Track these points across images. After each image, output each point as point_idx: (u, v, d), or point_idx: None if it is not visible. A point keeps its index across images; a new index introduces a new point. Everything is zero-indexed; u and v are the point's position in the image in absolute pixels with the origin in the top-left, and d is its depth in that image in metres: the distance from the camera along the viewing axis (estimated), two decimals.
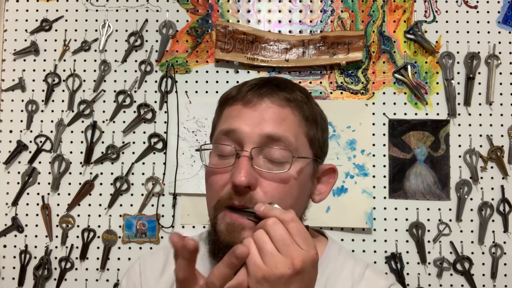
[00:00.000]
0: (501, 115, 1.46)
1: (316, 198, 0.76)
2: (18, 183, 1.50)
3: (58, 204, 1.49)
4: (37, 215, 1.49)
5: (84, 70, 1.52)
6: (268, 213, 0.58)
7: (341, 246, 0.81)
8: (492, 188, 1.44)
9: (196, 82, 1.50)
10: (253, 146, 0.66)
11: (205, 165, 0.72)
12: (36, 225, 1.49)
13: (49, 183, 1.49)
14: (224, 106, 0.74)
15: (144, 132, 1.50)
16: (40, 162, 1.50)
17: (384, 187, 1.45)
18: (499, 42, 1.47)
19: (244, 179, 0.64)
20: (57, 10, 1.54)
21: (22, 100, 1.52)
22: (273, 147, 0.67)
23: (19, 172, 1.50)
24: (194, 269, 0.56)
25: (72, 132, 1.51)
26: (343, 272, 0.75)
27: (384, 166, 1.46)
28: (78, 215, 1.49)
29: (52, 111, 1.51)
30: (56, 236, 1.48)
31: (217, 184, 0.68)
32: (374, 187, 1.44)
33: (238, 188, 0.65)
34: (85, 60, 1.52)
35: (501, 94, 1.46)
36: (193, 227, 1.47)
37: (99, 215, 1.48)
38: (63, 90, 1.52)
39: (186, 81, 1.50)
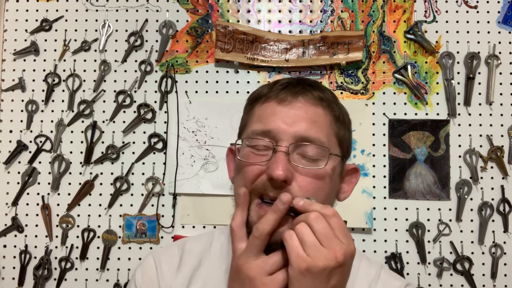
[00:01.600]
0: (501, 115, 1.46)
1: (341, 196, 0.78)
2: (18, 183, 1.50)
3: (58, 204, 1.49)
4: (37, 215, 1.49)
5: (84, 70, 1.52)
6: (308, 207, 0.60)
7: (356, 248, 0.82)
8: (492, 188, 1.44)
9: (196, 82, 1.50)
10: (289, 142, 0.68)
11: (238, 159, 0.72)
12: (36, 225, 1.49)
13: (49, 183, 1.49)
14: (255, 104, 0.75)
15: (144, 132, 1.50)
16: (40, 162, 1.50)
17: (384, 187, 1.45)
18: (499, 42, 1.47)
19: (281, 173, 0.65)
20: (57, 10, 1.54)
21: (22, 100, 1.52)
22: (308, 144, 0.69)
23: (19, 172, 1.50)
24: (245, 221, 0.64)
25: (72, 132, 1.51)
26: (359, 273, 0.77)
27: (384, 166, 1.46)
28: (78, 215, 1.49)
29: (52, 111, 1.52)
30: (56, 236, 1.48)
31: (252, 173, 0.69)
32: (374, 187, 1.44)
33: (275, 181, 0.66)
34: (85, 60, 1.52)
35: (501, 94, 1.46)
36: (193, 227, 1.47)
37: (99, 215, 1.48)
38: (63, 90, 1.52)
39: (186, 81, 1.50)
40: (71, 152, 1.50)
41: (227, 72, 1.50)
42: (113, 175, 1.49)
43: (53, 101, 1.52)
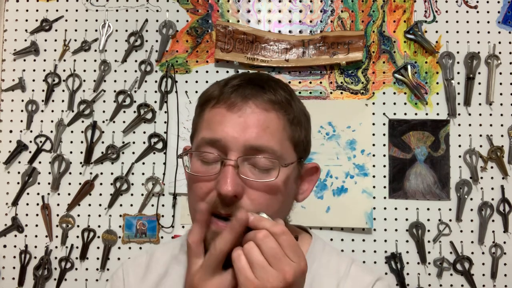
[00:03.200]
0: (501, 115, 1.46)
1: (300, 197, 0.75)
2: (18, 183, 1.50)
3: (58, 204, 1.49)
4: (37, 215, 1.49)
5: (84, 70, 1.52)
6: (258, 224, 0.58)
7: (325, 243, 0.81)
8: (492, 188, 1.44)
9: (196, 82, 1.50)
10: (238, 154, 0.65)
11: (188, 172, 0.70)
12: (36, 225, 1.49)
13: (49, 183, 1.49)
14: (205, 107, 0.72)
15: (144, 132, 1.50)
16: (40, 162, 1.50)
17: (384, 187, 1.45)
18: (499, 42, 1.47)
19: (230, 189, 0.63)
20: (57, 10, 1.54)
21: (22, 100, 1.52)
22: (258, 156, 0.66)
23: (19, 172, 1.50)
24: (203, 237, 0.62)
25: (72, 132, 1.51)
26: (329, 269, 0.75)
27: (384, 166, 1.46)
28: (78, 215, 1.49)
29: (52, 111, 1.52)
30: (56, 236, 1.48)
31: (201, 191, 0.67)
32: (374, 187, 1.44)
33: (224, 197, 0.63)
34: (85, 60, 1.52)
35: (501, 94, 1.46)
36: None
37: (99, 215, 1.48)
38: (63, 90, 1.52)
39: (186, 81, 1.50)
40: (71, 152, 1.50)
41: (227, 72, 1.50)
42: (113, 175, 1.49)
43: (53, 101, 1.52)
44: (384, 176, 1.45)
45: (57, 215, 1.49)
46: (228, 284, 0.58)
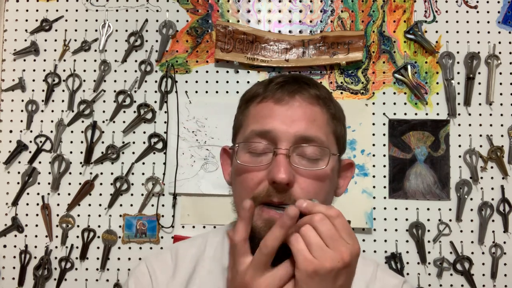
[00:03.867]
0: (501, 115, 1.46)
1: (338, 192, 0.78)
2: (18, 183, 1.50)
3: (58, 204, 1.49)
4: (37, 215, 1.49)
5: (84, 70, 1.52)
6: (312, 209, 0.59)
7: None
8: (492, 188, 1.44)
9: (196, 82, 1.50)
10: (289, 144, 0.67)
11: (237, 163, 0.71)
12: (36, 225, 1.49)
13: (49, 183, 1.49)
14: (250, 104, 0.74)
15: (144, 132, 1.50)
16: (40, 162, 1.50)
17: (384, 187, 1.45)
18: (499, 42, 1.47)
19: (285, 177, 0.64)
20: (57, 10, 1.54)
21: (22, 100, 1.52)
22: (309, 145, 0.68)
23: (19, 172, 1.50)
24: (248, 235, 0.60)
25: (72, 132, 1.51)
26: (356, 273, 0.75)
27: (384, 166, 1.46)
28: (78, 215, 1.49)
29: (52, 111, 1.52)
30: (56, 236, 1.48)
31: (252, 181, 0.68)
32: (374, 187, 1.44)
33: (278, 185, 0.65)
34: (85, 60, 1.52)
35: (501, 94, 1.46)
36: (193, 227, 1.47)
37: (99, 215, 1.48)
38: (63, 90, 1.52)
39: (186, 81, 1.50)
40: (71, 152, 1.50)
41: (227, 72, 1.50)
42: (113, 175, 1.49)
43: (53, 101, 1.52)
44: (384, 176, 1.45)
45: (57, 215, 1.49)
46: (279, 279, 0.58)
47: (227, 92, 1.49)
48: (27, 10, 1.54)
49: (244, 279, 0.59)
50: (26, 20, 1.54)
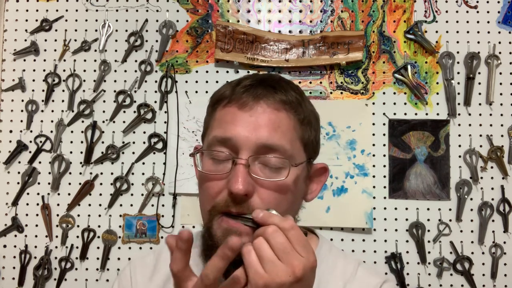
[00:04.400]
0: (501, 115, 1.46)
1: (309, 197, 0.76)
2: (18, 183, 1.50)
3: (58, 204, 1.49)
4: (37, 215, 1.49)
5: (84, 70, 1.52)
6: (267, 220, 0.58)
7: (332, 245, 0.81)
8: (492, 188, 1.44)
9: (196, 82, 1.50)
10: (249, 153, 0.65)
11: (199, 170, 0.70)
12: (36, 225, 1.49)
13: (49, 183, 1.49)
14: (217, 106, 0.72)
15: (144, 132, 1.50)
16: (40, 162, 1.50)
17: (384, 187, 1.45)
18: (499, 42, 1.47)
19: (241, 188, 0.63)
20: (57, 10, 1.54)
21: (22, 100, 1.52)
22: (269, 156, 0.66)
23: (19, 172, 1.50)
24: (188, 262, 0.57)
25: (72, 132, 1.51)
26: (335, 271, 0.75)
27: (384, 166, 1.46)
28: (78, 215, 1.49)
29: (52, 111, 1.52)
30: (56, 236, 1.48)
31: (212, 190, 0.67)
32: (374, 187, 1.44)
33: (235, 196, 0.64)
34: (85, 60, 1.52)
35: (501, 94, 1.46)
36: (193, 227, 1.47)
37: (99, 215, 1.48)
38: (63, 90, 1.52)
39: (186, 81, 1.50)
40: (71, 152, 1.50)
41: (227, 72, 1.50)
42: (113, 175, 1.49)
43: (53, 101, 1.52)
44: (384, 176, 1.45)
45: (57, 215, 1.49)
46: None
47: None
48: (27, 10, 1.54)
49: None
50: (26, 20, 1.54)
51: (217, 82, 1.50)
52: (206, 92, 1.50)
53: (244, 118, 0.67)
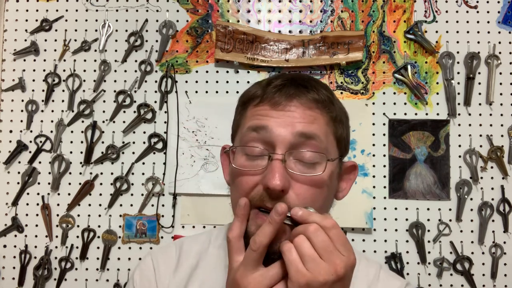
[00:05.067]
0: (501, 115, 1.46)
1: (340, 195, 0.77)
2: (18, 183, 1.50)
3: (58, 204, 1.49)
4: (37, 215, 1.49)
5: (84, 70, 1.52)
6: (307, 218, 0.59)
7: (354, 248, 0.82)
8: (492, 188, 1.44)
9: (196, 82, 1.50)
10: (285, 149, 0.65)
11: (233, 167, 0.70)
12: (36, 225, 1.49)
13: (49, 183, 1.49)
14: (248, 105, 0.72)
15: (144, 132, 1.50)
16: (40, 162, 1.50)
17: (384, 187, 1.45)
18: (499, 42, 1.47)
19: (279, 183, 0.63)
20: (57, 10, 1.54)
21: (22, 100, 1.52)
22: (306, 150, 0.66)
23: (19, 172, 1.50)
24: (243, 232, 0.62)
25: (72, 132, 1.51)
26: (358, 274, 0.75)
27: (384, 166, 1.46)
28: (78, 215, 1.49)
29: (52, 111, 1.52)
30: (56, 236, 1.48)
31: (247, 185, 0.67)
32: (374, 187, 1.44)
33: (272, 191, 0.64)
34: (85, 60, 1.52)
35: (501, 94, 1.46)
36: (193, 227, 1.47)
37: (99, 215, 1.48)
38: (63, 90, 1.52)
39: (186, 81, 1.50)
40: (71, 152, 1.50)
41: (227, 72, 1.50)
42: (113, 175, 1.49)
43: (53, 101, 1.52)
44: (384, 176, 1.45)
45: (57, 215, 1.49)
46: (270, 279, 0.58)
47: (227, 92, 1.49)
48: (27, 10, 1.54)
49: (235, 276, 0.59)
50: (26, 20, 1.54)
51: (217, 82, 1.50)
52: (206, 92, 1.50)
53: (278, 115, 0.68)
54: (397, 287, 0.76)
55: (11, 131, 1.52)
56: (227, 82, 1.50)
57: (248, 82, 1.49)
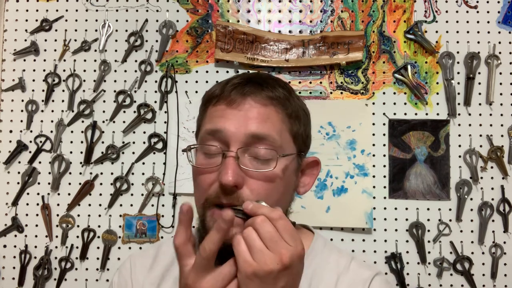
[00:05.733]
0: (501, 115, 1.46)
1: (301, 190, 0.79)
2: (18, 183, 1.50)
3: (58, 204, 1.49)
4: (37, 215, 1.49)
5: (84, 70, 1.52)
6: (256, 211, 0.61)
7: (327, 240, 0.84)
8: (492, 188, 1.44)
9: (196, 82, 1.50)
10: (238, 146, 0.68)
11: (192, 165, 0.73)
12: (36, 225, 1.49)
13: (49, 183, 1.49)
14: (208, 105, 0.75)
15: (144, 132, 1.50)
16: (40, 162, 1.50)
17: (384, 187, 1.45)
18: (499, 42, 1.47)
19: (231, 179, 0.65)
20: (57, 10, 1.54)
21: (22, 100, 1.52)
22: (258, 147, 0.68)
23: (19, 172, 1.50)
24: (189, 237, 0.62)
25: (72, 132, 1.51)
26: (329, 265, 0.77)
27: (384, 166, 1.46)
28: (78, 215, 1.49)
29: (52, 111, 1.52)
30: (56, 236, 1.48)
31: (204, 183, 0.70)
32: (374, 187, 1.44)
33: (225, 187, 0.66)
34: (85, 60, 1.52)
35: (501, 94, 1.46)
36: (193, 227, 1.46)
37: (99, 215, 1.48)
38: (63, 90, 1.52)
39: (186, 81, 1.50)
40: (71, 152, 1.50)
41: (227, 72, 1.50)
42: (113, 175, 1.49)
43: (53, 101, 1.52)
44: (384, 176, 1.45)
45: (57, 215, 1.49)
46: (222, 279, 0.60)
47: None
48: (27, 10, 1.54)
49: (187, 282, 0.61)
50: (26, 20, 1.54)
51: (217, 82, 1.49)
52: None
53: (232, 113, 0.70)
54: (367, 276, 0.76)
55: (11, 131, 1.52)
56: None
57: None
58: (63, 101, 1.52)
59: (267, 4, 1.51)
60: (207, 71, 1.50)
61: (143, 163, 1.49)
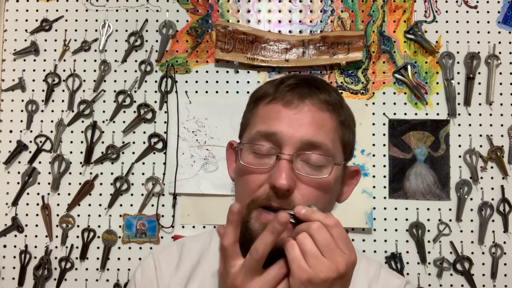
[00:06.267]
0: (501, 115, 1.46)
1: (341, 199, 0.78)
2: (18, 183, 1.50)
3: (58, 204, 1.49)
4: (37, 215, 1.49)
5: (84, 70, 1.52)
6: (310, 216, 0.60)
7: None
8: (492, 188, 1.44)
9: (196, 82, 1.50)
10: (293, 150, 0.67)
11: (241, 163, 0.70)
12: (36, 225, 1.49)
13: (49, 183, 1.49)
14: (260, 103, 0.73)
15: (144, 132, 1.50)
16: (40, 162, 1.50)
17: (384, 187, 1.45)
18: (499, 42, 1.47)
19: (285, 183, 0.64)
20: (57, 10, 1.54)
21: (22, 100, 1.52)
22: (314, 153, 0.68)
23: (19, 172, 1.50)
24: (238, 238, 0.61)
25: (72, 132, 1.51)
26: (359, 272, 0.76)
27: (384, 166, 1.46)
28: (78, 215, 1.49)
29: (52, 111, 1.52)
30: (56, 236, 1.48)
31: (253, 184, 0.68)
32: (374, 187, 1.44)
33: (278, 190, 0.65)
34: (85, 60, 1.52)
35: (501, 94, 1.46)
36: (193, 227, 1.47)
37: (99, 215, 1.48)
38: (63, 90, 1.52)
39: (186, 81, 1.50)
40: (71, 152, 1.50)
41: (227, 72, 1.50)
42: (113, 175, 1.49)
43: (53, 101, 1.52)
44: (384, 176, 1.45)
45: (57, 215, 1.49)
46: (271, 281, 0.59)
47: (227, 92, 1.49)
48: (27, 10, 1.54)
49: (235, 282, 0.60)
50: (26, 20, 1.54)
51: (217, 82, 1.50)
52: (206, 92, 1.50)
53: (289, 115, 0.69)
54: (397, 285, 0.77)
55: (11, 131, 1.52)
56: (227, 82, 1.50)
57: (248, 82, 1.49)
58: (63, 101, 1.52)
59: (267, 4, 1.51)
60: (207, 71, 1.50)
61: (143, 163, 1.49)
